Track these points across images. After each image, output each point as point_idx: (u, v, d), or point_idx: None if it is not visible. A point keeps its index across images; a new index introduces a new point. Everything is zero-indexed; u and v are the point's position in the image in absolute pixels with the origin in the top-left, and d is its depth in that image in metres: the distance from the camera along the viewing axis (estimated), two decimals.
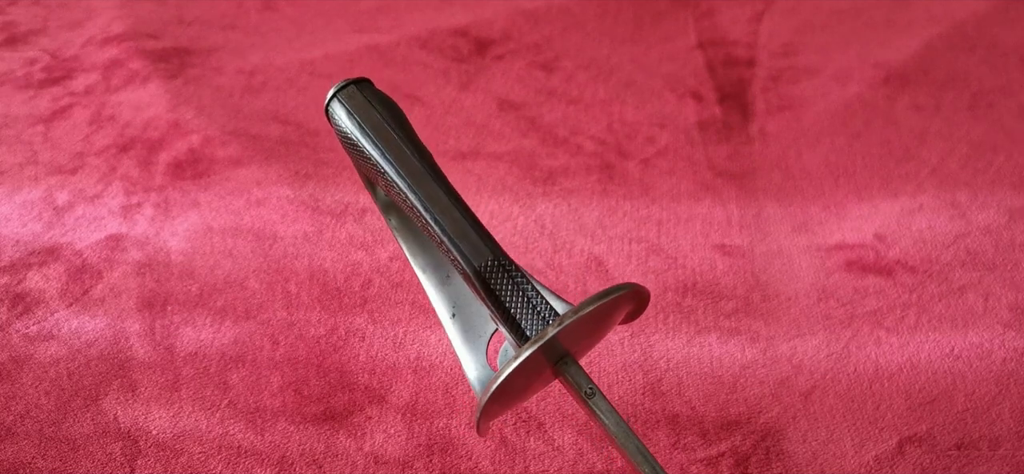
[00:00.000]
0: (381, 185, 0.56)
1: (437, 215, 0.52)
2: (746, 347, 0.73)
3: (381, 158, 0.54)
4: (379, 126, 0.55)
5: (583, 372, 0.50)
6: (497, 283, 0.50)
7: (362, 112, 0.55)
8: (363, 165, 0.56)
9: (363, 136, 0.54)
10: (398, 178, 0.53)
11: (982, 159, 0.94)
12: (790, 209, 0.88)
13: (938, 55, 1.12)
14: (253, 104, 1.04)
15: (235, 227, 0.85)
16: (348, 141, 0.55)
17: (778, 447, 0.66)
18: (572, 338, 0.48)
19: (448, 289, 0.58)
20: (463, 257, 0.51)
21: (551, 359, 0.49)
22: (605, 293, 0.47)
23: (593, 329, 0.50)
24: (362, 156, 0.55)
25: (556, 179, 0.92)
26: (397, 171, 0.53)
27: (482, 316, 0.57)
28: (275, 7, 1.25)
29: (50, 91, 1.05)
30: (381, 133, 0.54)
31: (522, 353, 0.45)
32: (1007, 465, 0.64)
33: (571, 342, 0.49)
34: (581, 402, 0.49)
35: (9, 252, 0.82)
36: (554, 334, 0.46)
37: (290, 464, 0.64)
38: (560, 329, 0.46)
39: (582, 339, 0.50)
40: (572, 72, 1.11)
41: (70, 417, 0.67)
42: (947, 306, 0.77)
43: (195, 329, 0.74)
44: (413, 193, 0.53)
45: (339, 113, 0.55)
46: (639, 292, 0.50)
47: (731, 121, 1.02)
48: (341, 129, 0.55)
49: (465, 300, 0.58)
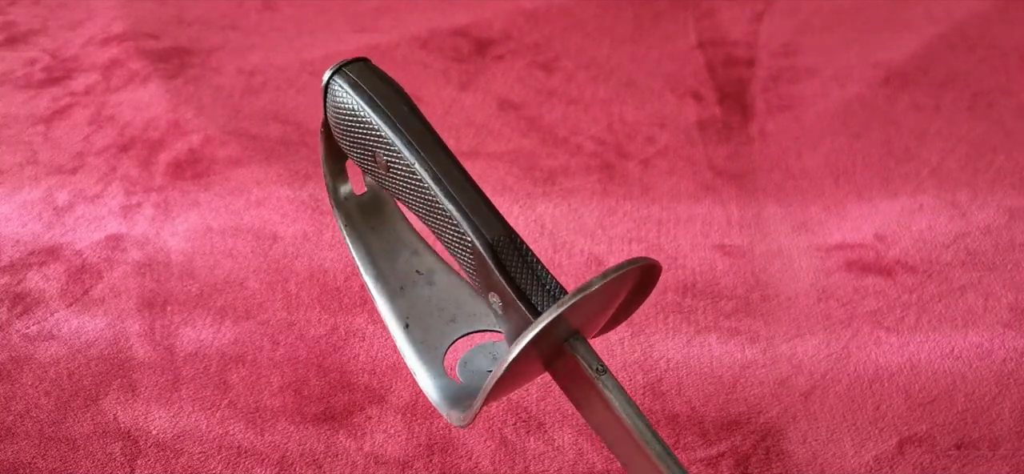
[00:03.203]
0: (378, 165, 0.53)
1: (450, 187, 0.50)
2: (746, 347, 0.73)
3: (391, 130, 0.52)
4: (389, 97, 0.53)
5: (593, 350, 0.49)
6: (508, 258, 0.49)
7: (371, 84, 0.53)
8: (359, 144, 0.53)
9: (372, 107, 0.52)
10: (408, 150, 0.51)
11: (982, 159, 0.94)
12: (790, 209, 0.89)
13: (938, 55, 1.12)
14: (253, 104, 1.04)
15: (235, 227, 0.85)
16: (350, 116, 0.53)
17: (778, 447, 0.66)
18: (582, 315, 0.48)
19: (401, 301, 0.56)
20: (475, 230, 0.50)
21: (562, 336, 0.48)
22: (619, 267, 0.46)
23: (602, 308, 0.49)
24: (364, 131, 0.53)
25: (556, 179, 0.92)
26: (408, 142, 0.51)
27: (438, 329, 0.56)
28: (275, 7, 1.25)
29: (50, 91, 1.05)
30: (391, 104, 0.53)
31: (540, 322, 0.44)
32: (1007, 465, 0.64)
33: (580, 320, 0.48)
34: (588, 382, 0.48)
35: (9, 252, 0.82)
36: (575, 301, 0.44)
37: (290, 464, 0.64)
38: (580, 298, 0.44)
39: (591, 318, 0.50)
40: (572, 72, 1.11)
41: (70, 417, 0.67)
42: (947, 306, 0.77)
43: (195, 329, 0.74)
44: (425, 166, 0.51)
45: (344, 86, 0.53)
46: (652, 266, 0.49)
47: (731, 121, 1.02)
48: (343, 103, 0.53)
49: (420, 311, 0.56)
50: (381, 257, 0.58)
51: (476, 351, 0.57)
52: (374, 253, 0.58)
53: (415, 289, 0.58)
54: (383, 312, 0.56)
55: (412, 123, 0.52)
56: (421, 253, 0.60)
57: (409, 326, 0.55)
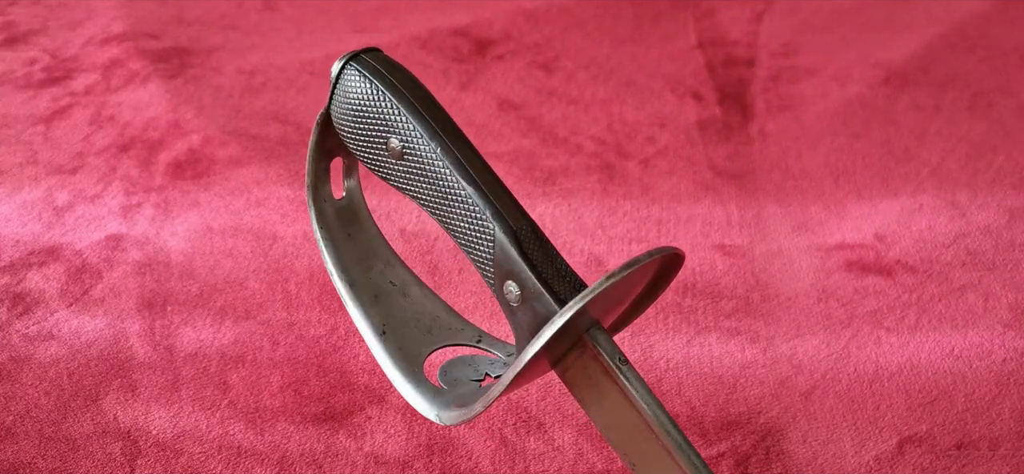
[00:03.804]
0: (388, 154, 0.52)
1: (475, 176, 0.50)
2: (746, 347, 0.73)
3: (413, 114, 0.51)
4: (409, 83, 0.52)
5: (613, 341, 0.49)
6: (530, 247, 0.49)
7: (389, 69, 0.52)
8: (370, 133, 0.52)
9: (393, 91, 0.52)
10: (432, 134, 0.51)
11: (982, 159, 0.94)
12: (790, 209, 0.89)
13: (938, 55, 1.12)
14: (253, 104, 1.04)
15: (235, 227, 0.85)
16: (365, 102, 0.52)
17: (778, 447, 0.66)
18: (603, 306, 0.47)
19: (376, 309, 0.55)
20: (498, 216, 0.49)
21: (583, 326, 0.48)
22: (649, 254, 0.46)
23: (620, 300, 0.49)
24: (380, 117, 0.52)
25: (556, 179, 0.92)
26: (431, 127, 0.51)
27: (415, 338, 0.55)
28: (275, 7, 1.25)
29: (50, 91, 1.05)
30: (412, 90, 0.52)
31: (571, 307, 0.44)
32: (1007, 465, 0.64)
33: (599, 312, 0.48)
34: (607, 374, 0.48)
35: (9, 252, 0.82)
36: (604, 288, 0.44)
37: (290, 464, 0.64)
38: (609, 284, 0.44)
39: (608, 311, 0.49)
40: (572, 72, 1.11)
41: (70, 417, 0.67)
42: (947, 306, 0.77)
43: (195, 329, 0.74)
44: (448, 151, 0.50)
45: (362, 71, 0.52)
46: (675, 255, 0.49)
47: (731, 121, 1.02)
48: (359, 89, 0.52)
49: (396, 320, 0.55)
50: (354, 265, 0.57)
51: (456, 362, 0.56)
52: (347, 259, 0.57)
53: (389, 299, 0.57)
54: (357, 318, 0.55)
55: (433, 108, 0.52)
56: (394, 265, 0.59)
57: (386, 333, 0.55)
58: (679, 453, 0.46)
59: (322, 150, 0.57)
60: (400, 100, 0.52)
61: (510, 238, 0.49)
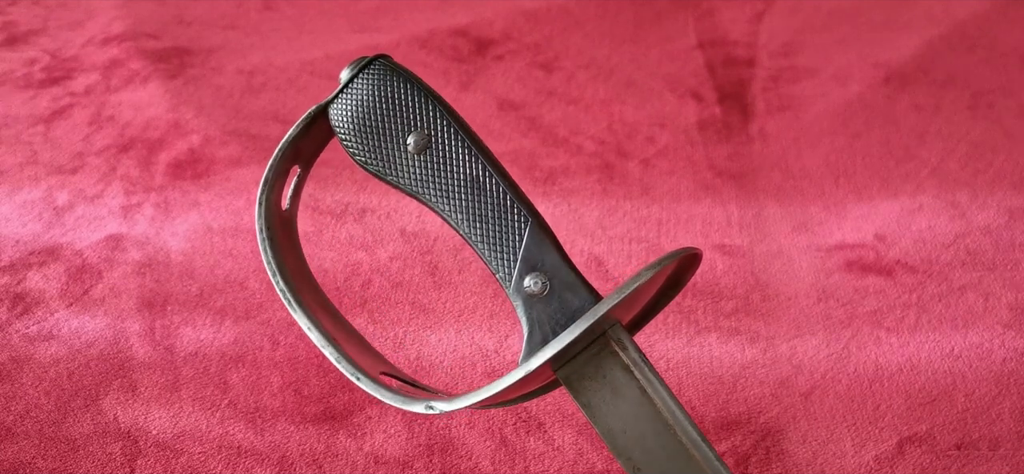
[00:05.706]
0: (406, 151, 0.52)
1: (496, 169, 0.51)
2: (746, 347, 0.73)
3: (444, 106, 0.52)
4: (425, 84, 0.53)
5: (633, 339, 0.49)
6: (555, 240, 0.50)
7: (408, 71, 0.53)
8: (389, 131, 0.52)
9: (419, 87, 0.53)
10: (455, 135, 0.51)
11: (982, 159, 0.94)
12: (790, 209, 0.89)
13: (938, 55, 1.12)
14: (253, 104, 1.04)
15: (235, 227, 0.85)
16: (388, 100, 0.52)
17: (778, 447, 0.66)
18: (624, 307, 0.48)
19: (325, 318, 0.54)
20: (531, 209, 0.50)
21: (607, 324, 0.48)
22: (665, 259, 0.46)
23: (636, 302, 0.50)
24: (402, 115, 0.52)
25: (556, 179, 0.92)
26: (461, 121, 0.52)
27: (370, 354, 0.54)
28: (275, 7, 1.25)
29: (50, 91, 1.05)
30: (433, 93, 0.53)
31: (613, 297, 0.45)
32: (1007, 465, 0.64)
33: (619, 312, 0.48)
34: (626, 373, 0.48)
35: (9, 252, 0.82)
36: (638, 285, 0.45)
37: (290, 464, 0.64)
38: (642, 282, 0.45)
39: (626, 313, 0.50)
40: (572, 72, 1.11)
41: (70, 417, 0.67)
42: (947, 306, 0.77)
43: (195, 329, 0.74)
44: (477, 143, 0.51)
45: (387, 68, 0.53)
46: (693, 255, 0.49)
47: (731, 121, 1.02)
48: (385, 87, 0.53)
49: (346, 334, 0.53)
50: (294, 275, 0.55)
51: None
52: (287, 268, 0.55)
53: (333, 317, 0.55)
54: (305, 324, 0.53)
55: (451, 108, 0.53)
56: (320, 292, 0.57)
57: (339, 345, 0.53)
58: (695, 450, 0.47)
59: (293, 151, 0.55)
60: (428, 96, 0.52)
61: (545, 228, 0.49)
